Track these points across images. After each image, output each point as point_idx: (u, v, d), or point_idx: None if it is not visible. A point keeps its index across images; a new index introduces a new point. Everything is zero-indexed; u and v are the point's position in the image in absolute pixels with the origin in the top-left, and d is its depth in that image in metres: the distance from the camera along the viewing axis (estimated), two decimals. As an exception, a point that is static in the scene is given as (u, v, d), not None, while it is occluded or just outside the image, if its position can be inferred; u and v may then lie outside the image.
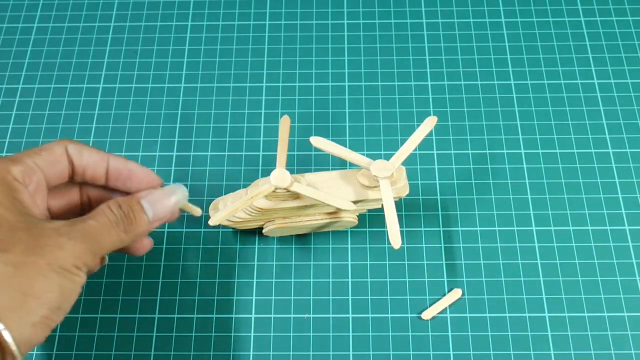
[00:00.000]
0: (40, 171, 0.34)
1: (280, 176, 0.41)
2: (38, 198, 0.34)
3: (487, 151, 0.52)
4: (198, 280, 0.47)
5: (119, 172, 0.37)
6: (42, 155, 0.35)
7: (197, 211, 0.40)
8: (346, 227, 0.48)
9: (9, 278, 0.29)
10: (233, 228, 0.48)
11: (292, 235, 0.49)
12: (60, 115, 0.54)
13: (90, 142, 0.53)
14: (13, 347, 0.28)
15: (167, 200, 0.36)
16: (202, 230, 0.49)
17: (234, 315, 0.46)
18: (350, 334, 0.45)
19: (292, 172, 0.50)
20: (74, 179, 0.37)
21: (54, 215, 0.38)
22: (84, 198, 0.39)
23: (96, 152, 0.37)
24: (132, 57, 0.57)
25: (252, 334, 0.45)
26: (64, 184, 0.37)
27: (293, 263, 0.48)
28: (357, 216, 0.47)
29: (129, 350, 0.45)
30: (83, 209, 0.40)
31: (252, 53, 0.57)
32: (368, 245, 0.48)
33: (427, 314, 0.45)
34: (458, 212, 0.49)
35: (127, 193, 0.39)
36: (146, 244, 0.39)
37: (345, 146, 0.52)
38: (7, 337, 0.28)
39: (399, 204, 0.50)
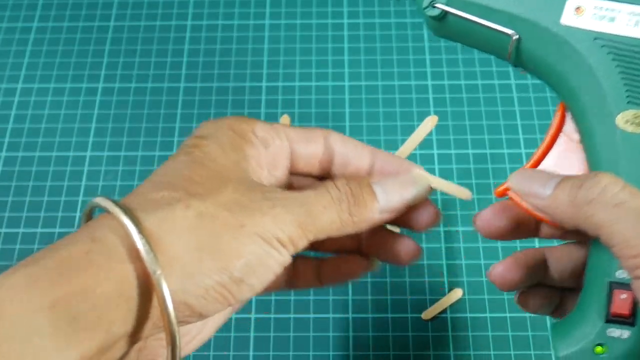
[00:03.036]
0: (289, 143, 0.30)
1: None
2: (273, 167, 0.29)
3: (488, 151, 0.52)
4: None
5: (383, 170, 0.31)
6: (297, 129, 0.30)
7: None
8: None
9: (188, 228, 0.24)
10: None
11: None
12: (60, 115, 0.54)
13: (90, 143, 0.53)
14: (169, 304, 0.23)
15: (404, 191, 0.29)
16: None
17: (234, 315, 0.46)
18: (350, 334, 0.45)
19: (292, 172, 0.50)
20: (331, 172, 0.31)
21: None
22: None
23: (362, 146, 0.31)
24: (131, 57, 0.57)
25: (252, 334, 0.45)
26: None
27: (293, 263, 0.48)
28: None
29: (129, 351, 0.45)
30: None
31: (251, 53, 0.57)
32: (368, 245, 0.48)
33: (427, 314, 0.45)
34: (458, 212, 0.49)
35: None
36: (413, 250, 0.31)
37: (345, 146, 0.52)
38: (165, 290, 0.23)
39: (399, 204, 0.50)
